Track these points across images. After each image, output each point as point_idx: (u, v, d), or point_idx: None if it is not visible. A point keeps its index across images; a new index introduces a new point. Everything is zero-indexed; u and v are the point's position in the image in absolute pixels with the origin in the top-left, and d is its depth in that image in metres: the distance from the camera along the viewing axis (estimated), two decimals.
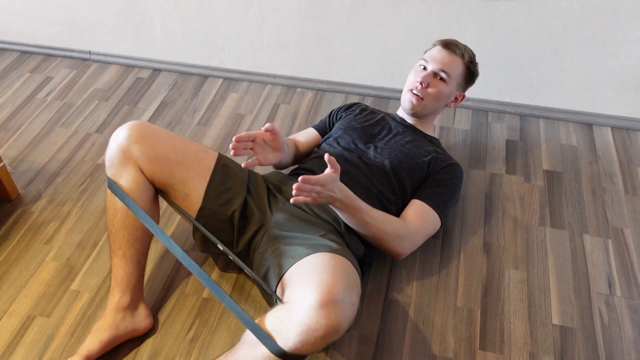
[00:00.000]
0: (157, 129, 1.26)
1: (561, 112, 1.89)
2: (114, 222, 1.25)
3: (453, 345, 1.28)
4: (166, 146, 1.25)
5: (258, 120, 1.90)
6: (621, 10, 1.64)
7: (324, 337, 0.94)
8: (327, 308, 0.94)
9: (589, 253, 1.47)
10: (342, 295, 0.96)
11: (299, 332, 0.94)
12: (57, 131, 1.84)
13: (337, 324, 0.94)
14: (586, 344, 1.28)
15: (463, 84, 1.51)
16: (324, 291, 0.95)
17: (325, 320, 0.93)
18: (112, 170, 1.25)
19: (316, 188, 1.11)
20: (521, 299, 1.37)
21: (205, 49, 2.04)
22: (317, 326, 0.93)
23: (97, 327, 1.22)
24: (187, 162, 1.26)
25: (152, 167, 1.23)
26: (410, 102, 1.48)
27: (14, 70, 2.11)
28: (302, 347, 0.95)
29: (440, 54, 1.47)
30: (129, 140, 1.22)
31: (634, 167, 1.73)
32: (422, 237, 1.35)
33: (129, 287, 1.25)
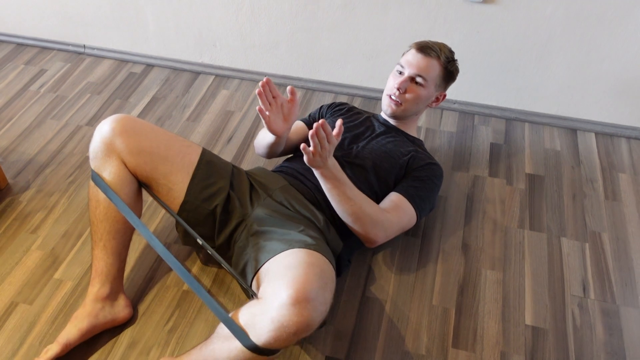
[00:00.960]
0: (142, 123, 1.28)
1: (546, 117, 1.91)
2: (96, 214, 1.27)
3: (426, 342, 1.30)
4: (150, 140, 1.26)
5: (247, 117, 1.92)
6: (605, 18, 1.66)
7: (295, 333, 0.97)
8: (300, 305, 0.96)
9: (566, 256, 1.50)
10: (314, 293, 0.98)
11: (272, 329, 0.97)
12: (49, 123, 1.86)
13: (309, 321, 0.97)
14: (557, 344, 1.30)
15: (442, 84, 1.52)
16: (297, 289, 0.97)
17: (297, 318, 0.96)
18: (96, 162, 1.26)
19: (325, 142, 1.17)
20: (496, 299, 1.39)
21: (197, 46, 2.06)
22: (289, 323, 0.96)
23: (76, 316, 1.24)
24: (171, 156, 1.28)
25: (135, 160, 1.25)
26: (390, 107, 1.51)
27: (9, 62, 2.14)
28: (274, 342, 0.98)
29: (415, 58, 1.47)
30: (113, 132, 1.23)
31: (615, 172, 1.75)
32: (396, 228, 1.36)
33: (108, 277, 1.27)
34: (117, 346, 1.26)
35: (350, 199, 1.27)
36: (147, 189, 1.31)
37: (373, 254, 1.48)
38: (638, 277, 1.45)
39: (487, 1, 1.70)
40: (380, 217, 1.32)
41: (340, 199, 1.27)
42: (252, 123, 1.90)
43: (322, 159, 1.21)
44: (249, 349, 1.01)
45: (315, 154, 1.19)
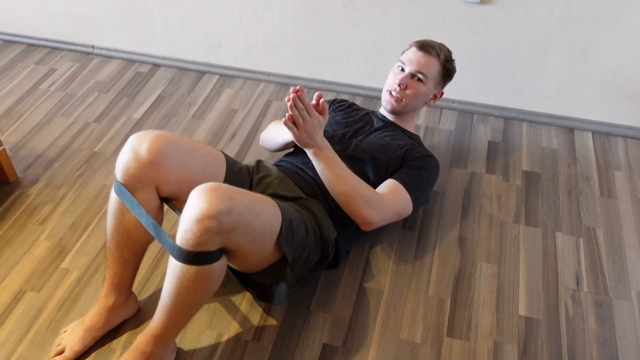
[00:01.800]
0: (179, 147, 1.21)
1: (544, 116, 1.94)
2: (120, 233, 1.23)
3: (421, 331, 1.33)
4: (188, 169, 1.23)
5: (250, 115, 1.97)
6: (600, 18, 1.69)
7: (198, 219, 1.01)
8: (204, 193, 1.03)
9: (560, 250, 1.53)
10: (223, 187, 1.04)
11: (182, 222, 1.04)
12: (58, 120, 1.92)
13: (210, 206, 1.01)
14: (550, 335, 1.33)
15: (440, 82, 1.57)
16: (208, 184, 1.05)
17: (200, 203, 1.02)
18: (126, 182, 1.19)
19: (304, 112, 1.22)
20: (491, 290, 1.42)
21: (203, 46, 2.11)
22: (192, 210, 1.02)
23: (90, 327, 1.25)
24: (205, 180, 1.23)
25: (171, 188, 1.22)
26: (390, 103, 1.55)
27: (20, 61, 2.20)
28: (185, 237, 1.04)
29: (416, 56, 1.52)
30: (152, 162, 1.17)
31: (611, 170, 1.78)
32: (391, 211, 1.39)
33: (124, 287, 1.28)
34: (121, 332, 1.31)
35: (343, 178, 1.32)
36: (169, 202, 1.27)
37: (371, 247, 1.52)
38: (631, 271, 1.48)
39: (484, 2, 1.74)
40: (374, 198, 1.35)
41: (333, 178, 1.32)
42: (255, 121, 1.94)
43: (308, 134, 1.26)
44: (178, 257, 1.06)
45: (300, 128, 1.23)
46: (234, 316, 1.35)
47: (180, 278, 1.08)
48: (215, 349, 1.28)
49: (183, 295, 1.10)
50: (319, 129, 1.29)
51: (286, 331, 1.32)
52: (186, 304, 1.12)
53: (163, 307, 1.13)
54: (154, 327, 1.15)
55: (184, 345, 1.28)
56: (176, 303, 1.11)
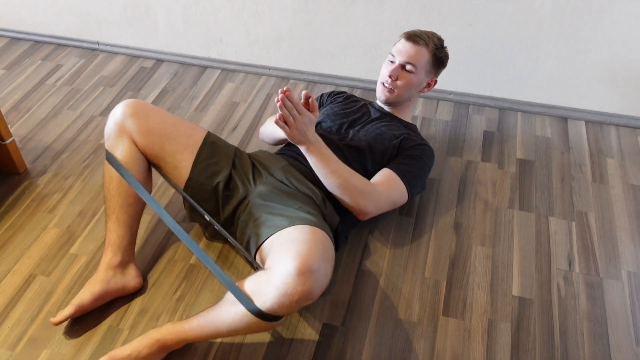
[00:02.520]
0: (151, 106, 1.39)
1: (538, 106, 1.99)
2: (109, 189, 1.38)
3: (418, 311, 1.38)
4: (158, 121, 1.37)
5: (251, 108, 2.02)
6: (590, 9, 1.74)
7: (298, 301, 1.05)
8: (304, 276, 1.05)
9: (553, 234, 1.57)
10: (317, 266, 1.07)
11: (277, 295, 1.06)
12: (65, 113, 1.97)
13: (311, 290, 1.06)
14: (542, 313, 1.38)
15: (432, 70, 1.60)
16: (302, 261, 1.06)
17: (300, 287, 1.04)
18: (109, 143, 1.38)
19: (294, 111, 1.27)
20: (485, 272, 1.47)
21: (205, 42, 2.17)
22: (293, 291, 1.05)
23: (90, 282, 1.34)
24: (177, 136, 1.39)
25: (145, 139, 1.36)
26: (383, 94, 1.60)
27: (27, 57, 2.26)
28: (278, 308, 1.07)
29: (405, 47, 1.56)
30: (124, 115, 1.35)
31: (603, 157, 1.83)
32: (386, 201, 1.44)
33: (120, 248, 1.37)
34: (128, 312, 1.36)
35: (337, 171, 1.37)
36: (157, 168, 1.41)
37: (369, 232, 1.57)
38: (621, 252, 1.53)
39: None
40: (368, 189, 1.40)
41: (327, 172, 1.37)
42: (256, 113, 1.99)
43: (300, 132, 1.31)
44: (253, 313, 1.09)
45: (291, 127, 1.29)
46: None
47: (248, 324, 1.12)
48: None
49: (241, 331, 1.16)
50: (310, 126, 1.34)
51: None
52: (234, 333, 1.18)
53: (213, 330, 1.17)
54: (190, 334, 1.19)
55: None
56: (229, 334, 1.17)
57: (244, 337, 1.31)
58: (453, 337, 1.32)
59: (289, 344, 1.30)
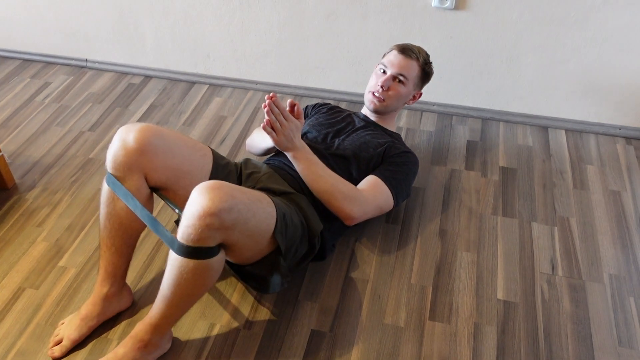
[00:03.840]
0: (165, 137, 1.29)
1: (519, 116, 2.04)
2: (111, 222, 1.29)
3: (405, 316, 1.40)
4: (174, 158, 1.30)
5: (239, 121, 2.05)
6: (567, 21, 1.80)
7: (200, 216, 1.07)
8: (206, 191, 1.09)
9: (536, 239, 1.61)
10: (224, 185, 1.10)
11: (184, 219, 1.10)
12: (53, 129, 1.99)
13: (213, 204, 1.07)
14: (527, 316, 1.40)
15: (419, 83, 1.67)
16: (209, 182, 1.11)
17: (202, 201, 1.08)
18: (116, 172, 1.26)
19: (280, 117, 1.30)
20: (470, 277, 1.50)
21: (192, 58, 2.20)
22: (195, 207, 1.08)
23: (86, 316, 1.31)
24: (192, 170, 1.34)
25: (159, 176, 1.29)
26: (373, 103, 1.64)
27: (16, 75, 2.28)
28: (187, 233, 1.09)
29: (397, 59, 1.61)
30: (139, 149, 1.24)
31: (584, 164, 1.87)
32: (372, 206, 1.47)
33: (116, 277, 1.34)
34: (117, 323, 1.36)
35: (322, 177, 1.40)
36: (157, 192, 1.34)
37: (356, 240, 1.59)
38: (603, 256, 1.56)
39: (458, 8, 1.85)
40: (354, 194, 1.43)
41: (314, 178, 1.40)
42: (244, 127, 2.02)
43: (286, 138, 1.34)
44: (178, 251, 1.12)
45: (278, 132, 1.32)
46: (225, 306, 1.41)
47: (180, 271, 1.13)
48: (208, 337, 1.34)
49: (182, 287, 1.16)
50: (297, 132, 1.37)
51: (276, 319, 1.38)
52: (185, 295, 1.18)
53: (162, 298, 1.19)
54: (152, 316, 1.21)
55: (178, 334, 1.34)
56: (175, 294, 1.17)
57: (232, 344, 1.32)
58: (440, 341, 1.34)
59: (278, 350, 1.31)
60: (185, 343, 1.33)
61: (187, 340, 1.33)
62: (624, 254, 1.56)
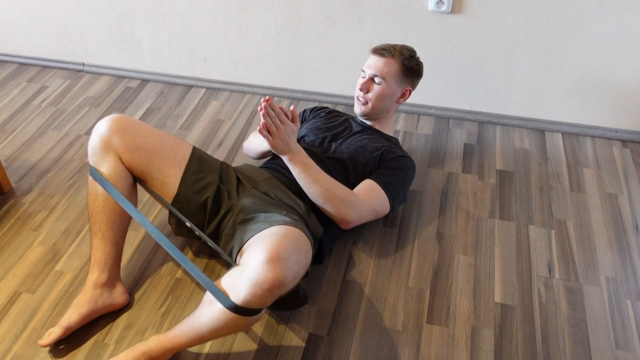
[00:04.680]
0: (136, 122, 1.40)
1: (516, 119, 2.05)
2: (94, 206, 1.37)
3: (402, 319, 1.40)
4: (145, 137, 1.38)
5: (236, 125, 2.05)
6: (562, 24, 1.81)
7: (270, 289, 1.07)
8: (273, 263, 1.07)
9: (533, 242, 1.61)
10: (287, 254, 1.09)
11: (249, 286, 1.07)
12: (50, 133, 1.99)
13: (282, 277, 1.07)
14: (524, 319, 1.40)
15: (404, 79, 1.62)
16: (271, 249, 1.09)
17: (271, 274, 1.06)
18: (94, 159, 1.37)
19: (276, 120, 1.31)
20: (468, 280, 1.50)
21: (189, 61, 2.20)
22: (264, 279, 1.06)
23: (77, 302, 1.33)
24: (164, 152, 1.40)
25: (131, 156, 1.36)
26: (359, 108, 1.65)
27: (12, 79, 2.27)
28: (251, 299, 1.08)
29: (372, 60, 1.62)
30: (110, 131, 1.35)
31: (580, 167, 1.88)
32: (367, 210, 1.47)
33: (107, 265, 1.36)
34: (114, 327, 1.36)
35: (318, 180, 1.40)
36: (141, 183, 1.42)
37: (353, 243, 1.59)
38: (600, 258, 1.56)
39: (454, 12, 1.85)
40: (350, 198, 1.43)
41: (309, 182, 1.40)
42: (241, 130, 2.02)
43: (282, 142, 1.35)
44: (229, 308, 1.10)
45: (274, 136, 1.33)
46: None
47: (226, 322, 1.13)
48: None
49: (221, 332, 1.16)
50: (292, 136, 1.38)
51: (274, 322, 1.38)
52: (219, 336, 1.20)
53: (195, 334, 1.18)
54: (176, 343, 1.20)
55: None
56: (211, 336, 1.18)
57: (230, 347, 1.32)
58: (437, 344, 1.34)
59: (275, 353, 1.31)
60: None
61: None
62: (621, 257, 1.57)
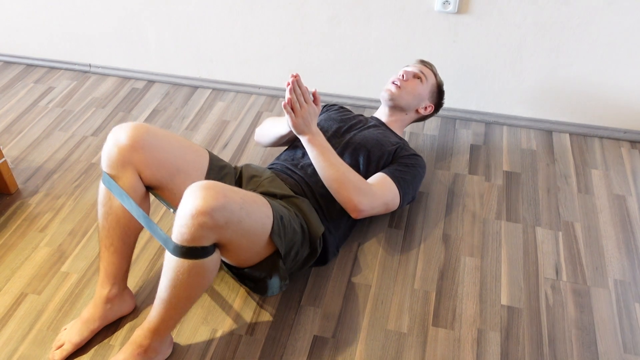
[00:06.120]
0: (158, 134, 1.31)
1: (523, 119, 2.03)
2: (108, 220, 1.30)
3: (408, 322, 1.39)
4: (167, 153, 1.31)
5: (242, 125, 2.05)
6: (569, 24, 1.79)
7: (193, 215, 1.07)
8: (199, 190, 1.08)
9: (540, 243, 1.59)
10: (217, 185, 1.10)
11: (177, 218, 1.09)
12: (56, 134, 1.99)
13: (205, 203, 1.07)
14: (531, 322, 1.39)
15: (432, 95, 1.74)
16: (203, 182, 1.10)
17: (193, 200, 1.07)
18: (110, 170, 1.28)
19: (301, 98, 1.33)
20: (474, 282, 1.49)
21: (195, 62, 2.20)
22: (188, 206, 1.07)
23: (88, 318, 1.31)
24: (185, 167, 1.34)
25: (153, 173, 1.29)
26: (389, 91, 1.68)
27: (20, 81, 2.28)
28: (180, 232, 1.09)
29: (418, 65, 1.76)
30: (131, 145, 1.26)
31: (588, 169, 1.86)
32: (379, 201, 1.46)
33: (117, 278, 1.33)
34: (119, 329, 1.36)
35: (335, 165, 1.41)
36: (152, 190, 1.35)
37: (359, 244, 1.58)
38: (608, 261, 1.55)
39: (461, 12, 1.84)
40: (363, 186, 1.43)
41: (326, 165, 1.40)
42: (247, 131, 2.02)
43: (305, 121, 1.36)
44: (173, 251, 1.11)
45: (297, 114, 1.34)
46: (227, 312, 1.40)
47: (175, 271, 1.13)
48: (210, 343, 1.33)
49: (178, 288, 1.15)
50: (314, 118, 1.39)
51: (278, 325, 1.38)
52: (182, 297, 1.18)
53: (159, 301, 1.19)
54: (151, 320, 1.21)
55: (180, 340, 1.34)
56: (172, 296, 1.17)
57: (235, 350, 1.31)
58: (443, 347, 1.33)
59: (280, 355, 1.31)
60: (187, 349, 1.32)
61: (189, 346, 1.33)
62: (629, 259, 1.55)
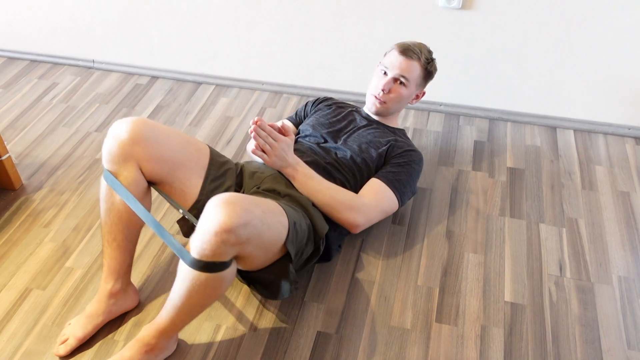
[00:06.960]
0: (156, 127, 1.31)
1: (527, 115, 2.02)
2: (110, 216, 1.30)
3: (411, 318, 1.39)
4: (167, 148, 1.31)
5: (245, 121, 2.05)
6: (575, 19, 1.78)
7: (216, 232, 1.05)
8: (222, 206, 1.07)
9: (544, 240, 1.59)
10: (240, 200, 1.09)
11: (199, 233, 1.08)
12: (60, 130, 2.00)
13: (228, 220, 1.06)
14: (535, 318, 1.39)
15: (422, 82, 1.63)
16: (222, 197, 1.09)
17: (217, 217, 1.06)
18: (111, 165, 1.28)
19: (269, 139, 1.30)
20: (477, 279, 1.49)
21: (199, 58, 2.20)
22: (210, 223, 1.06)
23: (92, 314, 1.32)
24: (186, 162, 1.35)
25: (153, 167, 1.29)
26: (375, 106, 1.62)
27: (24, 76, 2.29)
28: (202, 247, 1.08)
29: (398, 60, 1.57)
30: (131, 139, 1.26)
31: (592, 165, 1.86)
32: (376, 211, 1.47)
33: (120, 274, 1.34)
34: (124, 324, 1.36)
35: (321, 190, 1.39)
36: (154, 186, 1.36)
37: (362, 241, 1.58)
38: (611, 257, 1.54)
39: (465, 7, 1.84)
40: (355, 203, 1.42)
41: (312, 192, 1.40)
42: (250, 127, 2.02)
43: (279, 158, 1.34)
44: (189, 264, 1.11)
45: (269, 155, 1.32)
46: (231, 308, 1.41)
47: (192, 283, 1.13)
48: (214, 339, 1.34)
49: (193, 298, 1.15)
50: (289, 150, 1.37)
51: (281, 321, 1.38)
52: (195, 305, 1.18)
53: (172, 306, 1.18)
54: (160, 322, 1.21)
55: (184, 336, 1.34)
56: (185, 304, 1.17)
57: (238, 346, 1.32)
58: (446, 344, 1.33)
59: (284, 351, 1.31)
60: (191, 345, 1.33)
61: (193, 342, 1.33)
62: (633, 256, 1.55)
